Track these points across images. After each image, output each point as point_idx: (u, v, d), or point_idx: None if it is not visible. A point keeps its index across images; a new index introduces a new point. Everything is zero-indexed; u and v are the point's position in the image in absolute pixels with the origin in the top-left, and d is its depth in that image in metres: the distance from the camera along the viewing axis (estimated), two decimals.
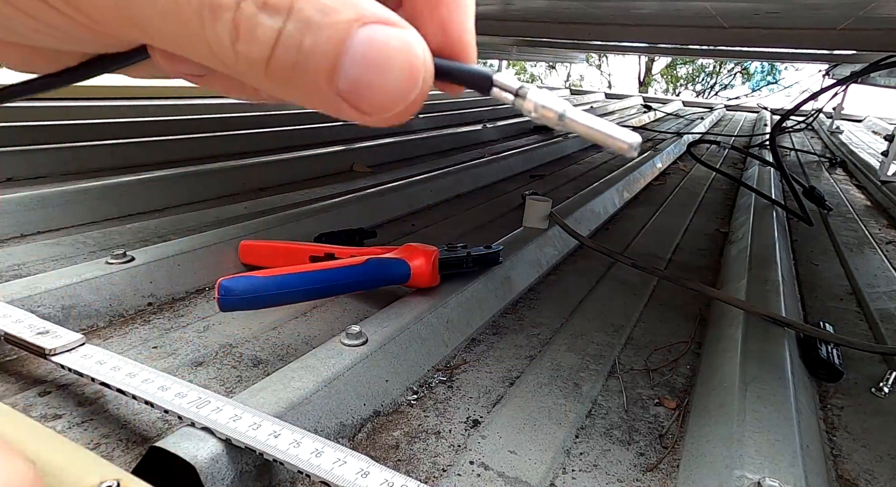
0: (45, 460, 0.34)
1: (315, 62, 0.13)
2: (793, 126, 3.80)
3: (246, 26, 0.13)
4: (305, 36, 0.13)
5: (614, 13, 1.42)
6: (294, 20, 0.13)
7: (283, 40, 0.13)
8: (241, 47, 0.13)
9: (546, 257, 1.07)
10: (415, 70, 0.14)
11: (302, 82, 0.13)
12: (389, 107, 0.14)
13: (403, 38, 0.14)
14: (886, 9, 0.96)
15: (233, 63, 0.13)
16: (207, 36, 0.13)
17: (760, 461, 0.50)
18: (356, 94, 0.14)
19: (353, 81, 0.13)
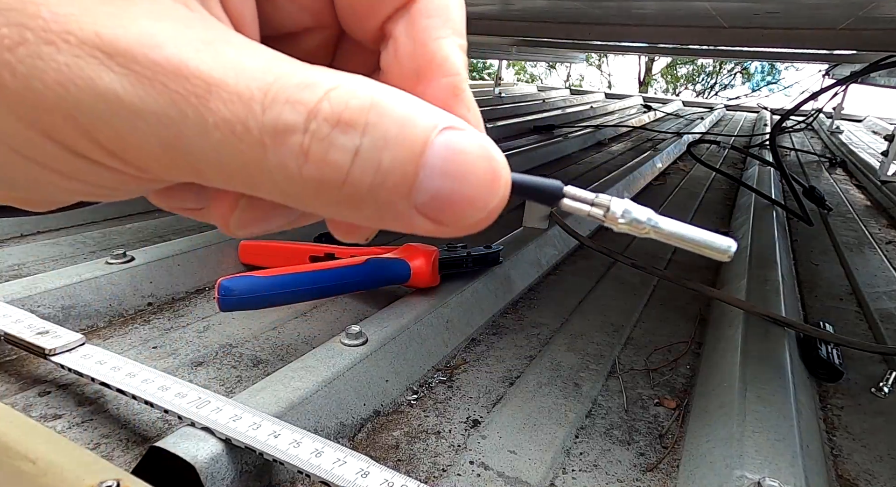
0: (45, 460, 0.34)
1: (393, 180, 0.12)
2: (793, 126, 3.80)
3: (317, 149, 0.12)
4: (384, 153, 0.12)
5: (614, 13, 1.42)
6: (370, 136, 0.12)
7: (360, 160, 0.12)
8: (309, 172, 0.12)
9: (546, 256, 1.07)
10: (496, 176, 0.13)
11: (376, 203, 0.12)
12: (470, 217, 0.13)
13: (482, 143, 0.13)
14: (886, 9, 0.96)
15: (296, 191, 0.12)
16: (270, 164, 0.12)
17: (760, 461, 0.50)
18: (436, 207, 0.13)
19: (433, 194, 0.12)
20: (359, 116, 0.12)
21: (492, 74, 8.73)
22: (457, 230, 0.13)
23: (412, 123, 0.12)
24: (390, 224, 0.13)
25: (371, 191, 0.12)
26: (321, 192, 0.12)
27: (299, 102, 0.12)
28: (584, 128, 2.95)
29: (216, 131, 0.11)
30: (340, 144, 0.12)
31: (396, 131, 0.12)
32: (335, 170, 0.12)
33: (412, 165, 0.12)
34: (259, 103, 0.11)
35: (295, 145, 0.12)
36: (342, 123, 0.12)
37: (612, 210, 0.14)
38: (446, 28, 0.15)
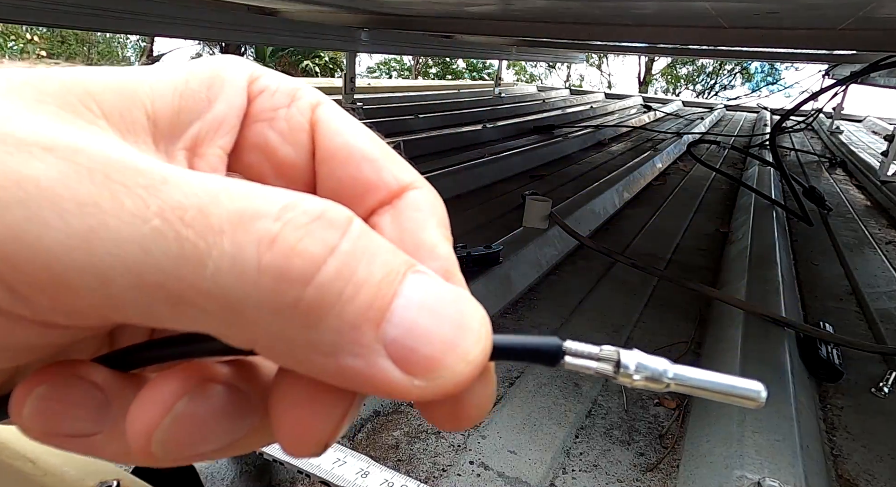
0: (45, 460, 0.34)
1: (366, 296, 0.10)
2: (793, 126, 3.81)
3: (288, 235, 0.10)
4: (361, 263, 0.11)
5: (614, 13, 1.42)
6: (350, 241, 0.11)
7: (336, 260, 0.10)
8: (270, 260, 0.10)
9: (546, 257, 1.07)
10: (479, 321, 0.12)
11: (339, 324, 0.10)
12: (448, 367, 0.11)
13: (458, 290, 0.12)
14: (886, 9, 0.96)
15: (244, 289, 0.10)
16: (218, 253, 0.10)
17: (760, 461, 0.50)
18: (408, 348, 0.11)
19: (408, 328, 0.11)
20: (342, 220, 0.11)
21: (492, 74, 8.73)
22: (427, 389, 0.11)
23: (392, 251, 0.11)
24: (346, 364, 0.11)
25: (338, 303, 0.10)
26: (278, 291, 0.10)
27: (278, 195, 0.11)
28: (584, 128, 2.95)
29: (155, 218, 0.10)
30: (319, 236, 0.10)
31: (376, 248, 0.11)
32: (305, 261, 0.10)
33: (389, 287, 0.11)
34: (229, 195, 0.10)
35: (259, 231, 0.10)
36: (324, 220, 0.11)
37: (623, 365, 0.12)
38: (433, 219, 0.15)
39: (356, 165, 0.15)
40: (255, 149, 0.15)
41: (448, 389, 0.11)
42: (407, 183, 0.15)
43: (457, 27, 2.05)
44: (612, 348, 0.12)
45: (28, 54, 8.21)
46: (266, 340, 0.10)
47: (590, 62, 13.82)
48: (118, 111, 0.12)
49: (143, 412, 0.12)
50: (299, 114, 0.15)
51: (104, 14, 1.60)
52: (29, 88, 0.11)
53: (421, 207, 0.15)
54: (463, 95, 4.03)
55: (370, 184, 0.15)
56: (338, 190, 0.15)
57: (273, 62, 11.44)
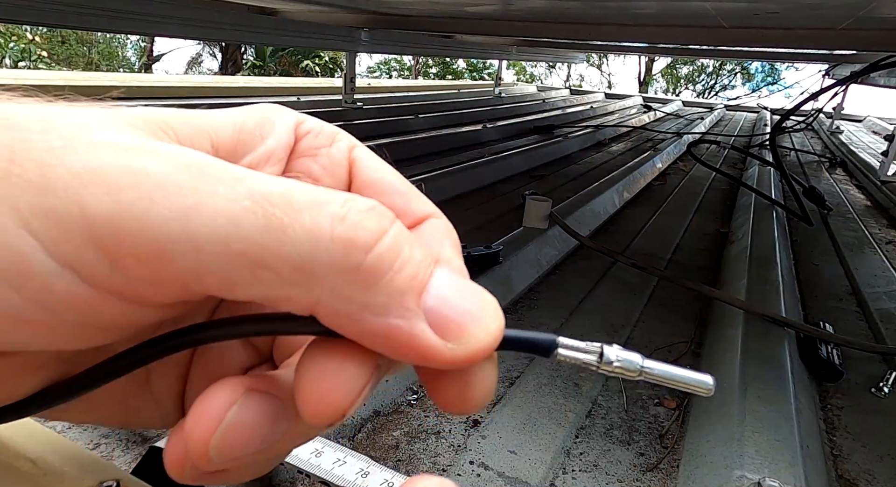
0: (45, 460, 0.34)
1: (411, 270, 0.13)
2: (793, 126, 3.81)
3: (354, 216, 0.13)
4: (406, 245, 0.13)
5: (614, 13, 1.42)
6: (398, 229, 0.13)
7: (389, 237, 0.13)
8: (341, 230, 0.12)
9: (546, 257, 1.07)
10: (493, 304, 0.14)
11: (390, 288, 0.13)
12: (476, 335, 0.13)
13: (474, 284, 0.14)
14: (886, 9, 0.96)
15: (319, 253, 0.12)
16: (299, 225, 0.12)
17: (760, 461, 0.50)
18: (442, 314, 0.13)
19: (442, 299, 0.13)
20: (389, 213, 0.14)
21: (492, 74, 8.73)
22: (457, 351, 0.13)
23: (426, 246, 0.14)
24: (392, 323, 0.13)
25: (390, 271, 0.13)
26: (345, 255, 0.12)
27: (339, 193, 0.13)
28: (584, 128, 2.95)
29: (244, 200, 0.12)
30: (376, 219, 0.13)
31: (413, 241, 0.14)
32: (368, 233, 0.13)
33: (426, 268, 0.13)
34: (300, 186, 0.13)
35: (332, 210, 0.13)
36: (377, 210, 0.13)
37: (605, 356, 0.15)
38: (448, 241, 0.17)
39: (389, 195, 0.18)
40: (300, 177, 0.18)
41: (473, 354, 0.13)
42: (430, 213, 0.18)
43: (457, 27, 2.05)
44: (597, 344, 0.15)
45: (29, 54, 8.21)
46: (328, 298, 0.13)
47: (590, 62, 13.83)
48: (189, 137, 0.15)
49: (203, 419, 0.14)
50: (338, 152, 0.18)
51: (104, 14, 1.60)
52: (118, 117, 0.13)
53: (438, 232, 0.18)
54: (463, 95, 4.03)
55: (399, 211, 0.17)
56: None
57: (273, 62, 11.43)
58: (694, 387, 0.15)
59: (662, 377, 0.15)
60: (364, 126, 2.29)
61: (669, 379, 0.15)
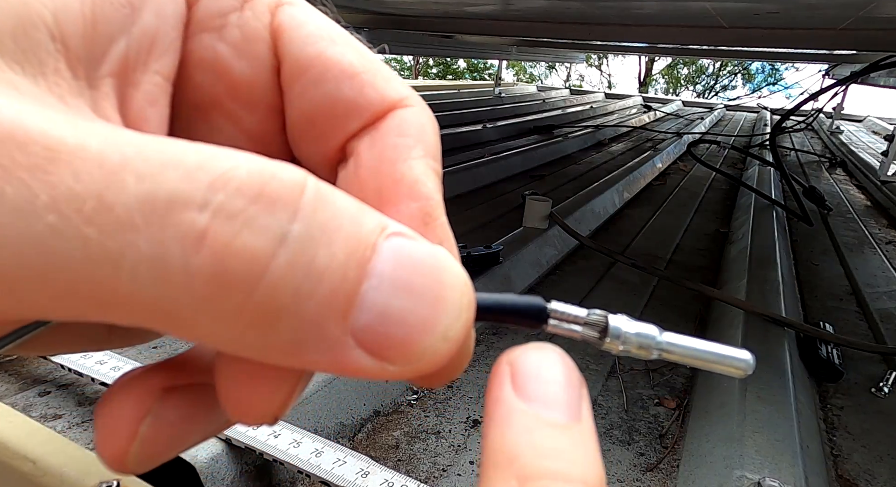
0: (45, 460, 0.34)
1: (329, 287, 0.09)
2: (793, 126, 3.81)
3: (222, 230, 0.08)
4: (320, 248, 0.09)
5: (614, 13, 1.42)
6: (305, 223, 0.09)
7: (288, 251, 0.08)
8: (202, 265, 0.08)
9: (546, 257, 1.07)
10: (459, 292, 0.10)
11: (299, 321, 0.09)
12: (426, 349, 0.10)
13: (437, 253, 0.10)
14: (886, 9, 0.96)
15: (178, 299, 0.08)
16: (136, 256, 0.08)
17: (760, 460, 0.50)
18: (381, 334, 0.09)
19: (379, 313, 0.09)
20: (290, 194, 0.09)
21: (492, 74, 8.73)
22: (405, 371, 0.10)
23: (357, 220, 0.09)
24: (312, 357, 0.09)
25: (296, 300, 0.08)
26: (216, 298, 0.08)
27: (200, 168, 0.08)
28: (584, 128, 2.95)
29: (48, 214, 0.07)
30: (261, 225, 0.08)
31: (337, 224, 0.09)
32: (247, 261, 0.08)
33: (356, 270, 0.09)
34: (134, 173, 0.08)
35: (183, 225, 0.08)
36: (266, 199, 0.08)
37: (611, 330, 0.11)
38: (418, 148, 0.12)
39: (334, 82, 0.12)
40: (202, 67, 0.12)
41: (426, 370, 0.10)
42: (394, 101, 0.12)
43: (457, 27, 2.05)
44: (601, 312, 0.12)
45: None
46: (213, 341, 0.09)
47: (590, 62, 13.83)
48: (10, 32, 0.09)
49: (110, 445, 0.11)
50: (255, 19, 0.12)
51: None
52: None
53: (406, 131, 0.12)
54: (463, 94, 4.03)
55: (351, 104, 0.12)
56: (311, 113, 0.12)
57: None
58: (727, 366, 0.12)
59: (687, 355, 0.12)
60: None
61: (696, 358, 0.12)
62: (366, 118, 0.12)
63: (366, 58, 0.12)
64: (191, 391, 0.12)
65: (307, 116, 0.13)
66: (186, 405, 0.11)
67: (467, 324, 0.10)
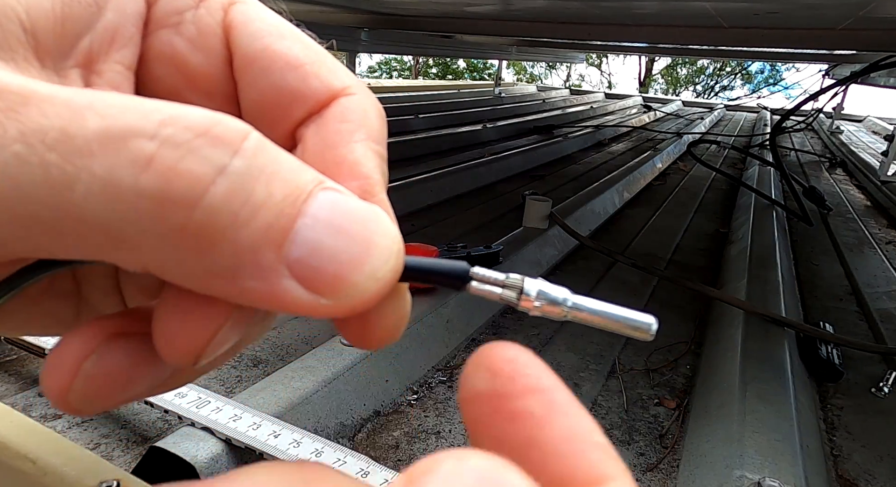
0: (45, 460, 0.34)
1: (265, 219, 0.10)
2: (793, 126, 3.80)
3: (167, 155, 0.09)
4: (258, 183, 0.10)
5: (614, 13, 1.42)
6: (245, 160, 0.10)
7: (227, 179, 0.09)
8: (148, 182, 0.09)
9: (546, 257, 1.07)
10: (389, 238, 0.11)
11: (235, 247, 0.10)
12: (356, 285, 0.10)
13: (371, 208, 0.11)
14: (886, 9, 0.96)
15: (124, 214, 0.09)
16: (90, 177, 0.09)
17: (760, 461, 0.50)
18: (314, 267, 0.10)
19: (312, 247, 0.10)
20: (233, 137, 0.10)
21: (492, 74, 8.72)
22: (335, 307, 0.10)
23: (296, 170, 0.10)
24: (247, 286, 0.10)
25: (232, 227, 0.09)
26: (160, 215, 0.09)
27: (155, 110, 0.09)
28: (584, 128, 2.95)
29: (15, 143, 0.09)
30: (204, 155, 0.09)
31: (275, 168, 0.10)
32: (189, 183, 0.09)
33: (291, 208, 0.10)
34: (97, 113, 0.09)
35: (134, 151, 0.09)
36: (210, 136, 0.09)
37: (525, 292, 0.12)
38: (360, 132, 0.13)
39: (279, 72, 0.13)
40: (162, 60, 0.13)
41: (355, 306, 0.11)
42: (337, 90, 0.13)
43: (457, 27, 2.05)
44: (518, 276, 0.13)
45: None
46: (157, 264, 0.10)
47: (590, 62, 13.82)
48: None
49: (53, 377, 0.11)
50: (209, 16, 0.13)
51: None
52: None
53: (348, 117, 0.13)
54: (463, 94, 4.03)
55: (296, 93, 0.13)
56: (261, 102, 0.13)
57: None
58: (632, 329, 0.13)
59: (593, 316, 0.13)
60: None
61: (602, 319, 0.13)
62: (310, 106, 0.13)
63: (311, 50, 0.13)
64: (136, 339, 0.12)
65: (257, 105, 0.13)
66: (131, 351, 0.12)
67: (396, 268, 0.11)
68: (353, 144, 0.13)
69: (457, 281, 0.13)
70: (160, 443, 0.43)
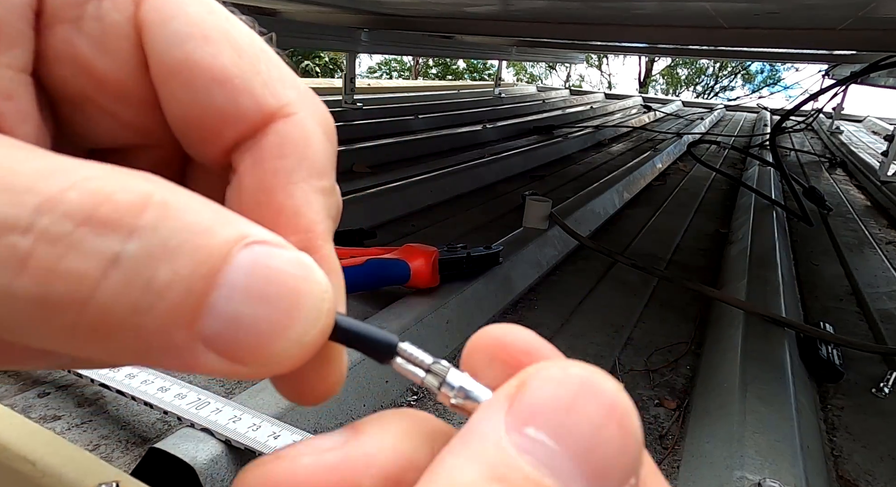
0: (44, 462, 0.34)
1: (172, 300, 0.09)
2: (793, 126, 3.80)
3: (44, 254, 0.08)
4: (161, 264, 0.08)
5: (614, 13, 1.42)
6: (141, 241, 0.08)
7: (120, 272, 0.08)
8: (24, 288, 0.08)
9: (546, 257, 1.07)
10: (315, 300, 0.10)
11: (140, 333, 0.09)
12: (280, 352, 0.09)
13: (299, 260, 0.10)
14: (886, 9, 0.96)
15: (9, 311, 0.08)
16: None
17: (761, 461, 0.50)
18: (232, 339, 0.09)
19: (229, 319, 0.09)
20: (125, 216, 0.08)
21: (492, 74, 8.73)
22: (257, 372, 0.10)
23: (210, 233, 0.09)
24: (160, 361, 0.09)
25: (134, 315, 0.08)
26: (49, 318, 0.08)
27: (28, 191, 0.08)
28: (584, 128, 2.95)
29: None
30: (88, 249, 0.08)
31: (183, 239, 0.09)
32: (71, 285, 0.08)
33: (201, 282, 0.09)
34: None
35: (6, 249, 0.08)
36: (96, 222, 0.08)
37: (447, 383, 0.11)
38: (301, 170, 0.11)
39: (203, 89, 0.11)
40: (62, 61, 0.11)
41: (278, 371, 0.10)
42: (273, 110, 0.11)
43: (457, 27, 2.05)
44: (445, 365, 0.11)
45: None
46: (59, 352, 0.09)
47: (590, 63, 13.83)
48: None
49: None
50: (116, 10, 0.11)
51: None
52: None
53: (286, 150, 0.11)
54: (463, 95, 4.03)
55: (225, 114, 0.11)
56: (185, 119, 0.11)
57: None
58: None
59: None
60: (364, 127, 2.29)
61: None
62: (243, 129, 0.11)
63: (242, 59, 0.11)
64: None
65: (182, 121, 0.12)
66: None
67: (324, 330, 0.10)
68: (291, 187, 0.11)
69: (381, 355, 0.12)
70: (160, 444, 0.43)
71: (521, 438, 0.09)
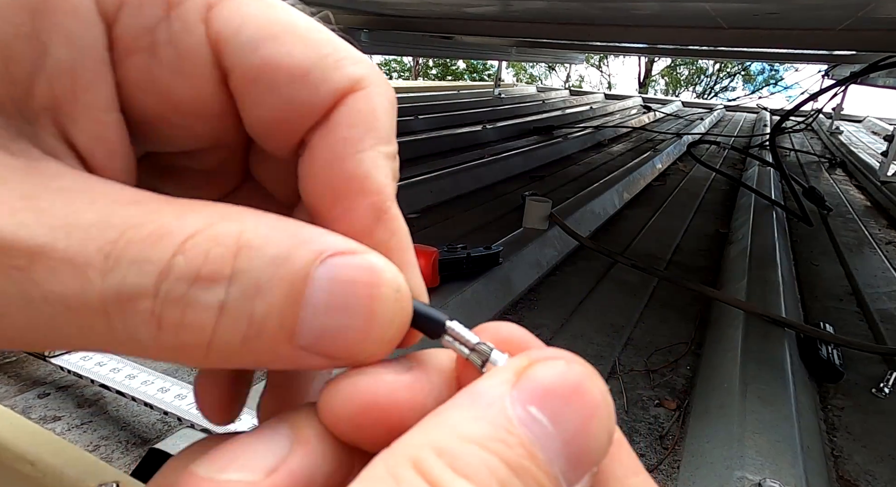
0: (44, 462, 0.34)
1: (271, 328, 0.10)
2: (792, 127, 3.81)
3: (171, 314, 0.10)
4: (256, 301, 0.10)
5: (614, 13, 1.42)
6: (239, 285, 0.10)
7: (227, 317, 0.10)
8: (165, 341, 0.10)
9: (546, 257, 1.07)
10: (391, 305, 0.11)
11: (254, 353, 0.11)
12: (366, 350, 0.11)
13: (371, 267, 0.11)
14: (886, 9, 0.96)
15: (158, 357, 0.10)
16: (119, 335, 0.10)
17: (761, 461, 0.50)
18: (326, 345, 0.11)
19: (319, 332, 0.11)
20: (222, 267, 0.10)
21: (491, 74, 8.73)
22: (358, 363, 0.11)
23: (289, 260, 0.10)
24: (276, 367, 0.11)
25: (245, 344, 0.10)
26: (186, 358, 0.10)
27: (147, 261, 0.10)
28: (584, 129, 2.95)
29: (46, 306, 0.09)
30: (201, 303, 0.10)
31: (270, 273, 0.10)
32: (195, 333, 0.10)
33: (290, 308, 0.10)
34: (98, 270, 0.10)
35: (144, 313, 0.10)
36: (202, 280, 0.10)
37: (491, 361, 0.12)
38: (369, 138, 0.12)
39: (287, 87, 0.12)
40: (141, 88, 0.12)
41: (375, 360, 0.12)
42: (346, 89, 0.12)
43: (457, 28, 2.05)
44: (489, 346, 0.13)
45: None
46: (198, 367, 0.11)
47: (589, 63, 13.83)
48: None
49: None
50: (187, 32, 0.11)
51: None
52: None
53: (355, 120, 0.12)
54: (463, 95, 4.03)
55: (307, 105, 0.12)
56: (268, 119, 0.12)
57: None
58: None
59: None
60: None
61: None
62: (319, 115, 0.12)
63: (312, 48, 0.12)
64: None
65: (263, 121, 0.13)
66: None
67: (402, 326, 0.12)
68: (360, 155, 0.12)
69: (433, 331, 0.13)
70: (160, 445, 0.43)
71: (524, 413, 0.10)
